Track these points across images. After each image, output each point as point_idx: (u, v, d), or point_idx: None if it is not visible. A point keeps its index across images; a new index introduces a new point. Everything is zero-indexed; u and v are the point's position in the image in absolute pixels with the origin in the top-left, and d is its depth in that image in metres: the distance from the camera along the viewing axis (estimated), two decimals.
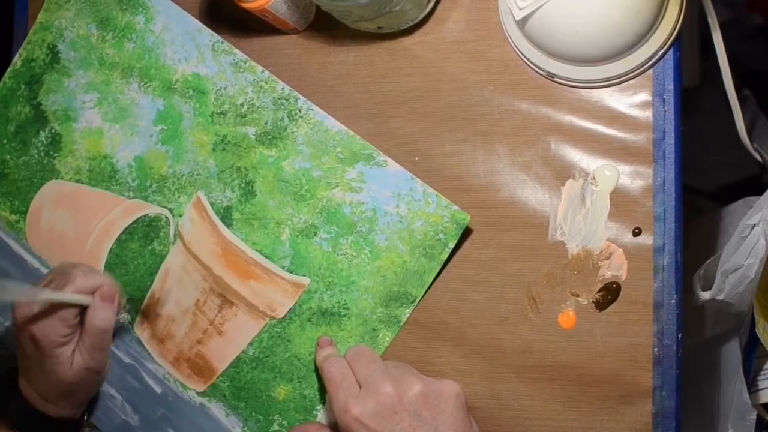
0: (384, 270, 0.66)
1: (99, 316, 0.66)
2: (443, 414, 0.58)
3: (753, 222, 0.69)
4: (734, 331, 0.81)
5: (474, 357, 0.65)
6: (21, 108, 0.75)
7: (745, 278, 0.71)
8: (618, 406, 0.62)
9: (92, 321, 0.66)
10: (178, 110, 0.71)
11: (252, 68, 0.69)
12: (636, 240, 0.62)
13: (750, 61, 1.09)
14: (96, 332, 0.66)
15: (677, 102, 0.63)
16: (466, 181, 0.66)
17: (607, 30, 0.59)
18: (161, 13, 0.72)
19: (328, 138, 0.67)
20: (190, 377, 0.70)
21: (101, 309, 0.66)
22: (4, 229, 0.75)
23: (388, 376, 0.59)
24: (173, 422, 0.70)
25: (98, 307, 0.66)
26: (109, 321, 0.67)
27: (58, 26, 0.74)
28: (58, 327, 0.65)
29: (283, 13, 0.66)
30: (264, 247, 0.68)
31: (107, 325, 0.67)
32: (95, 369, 0.68)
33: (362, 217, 0.67)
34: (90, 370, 0.67)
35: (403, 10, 0.64)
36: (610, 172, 0.63)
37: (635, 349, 0.62)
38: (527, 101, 0.65)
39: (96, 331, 0.66)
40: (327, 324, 0.67)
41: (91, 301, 0.66)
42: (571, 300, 0.64)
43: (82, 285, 0.66)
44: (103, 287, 0.67)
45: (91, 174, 0.73)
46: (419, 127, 0.67)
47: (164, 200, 0.71)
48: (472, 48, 0.66)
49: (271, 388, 0.68)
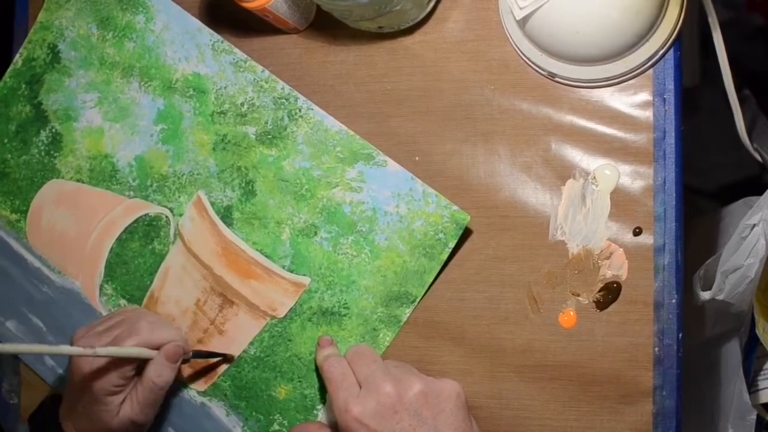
0: (384, 270, 0.66)
1: (158, 373, 0.64)
2: (443, 413, 0.58)
3: (753, 222, 0.69)
4: (734, 331, 0.81)
5: (474, 356, 0.65)
6: (22, 107, 0.75)
7: (745, 278, 0.71)
8: (618, 405, 0.62)
9: (151, 376, 0.64)
10: (178, 110, 0.71)
11: (252, 68, 0.69)
12: (636, 240, 0.62)
13: (750, 61, 1.09)
14: (152, 388, 0.64)
15: (678, 102, 0.63)
16: (467, 181, 0.66)
17: (607, 30, 0.59)
18: (161, 12, 0.72)
19: (328, 137, 0.68)
20: (191, 377, 0.70)
21: (162, 366, 0.64)
22: (5, 229, 0.75)
23: (389, 376, 0.59)
24: (173, 422, 0.70)
25: (160, 364, 0.64)
26: (167, 380, 0.64)
27: (58, 26, 0.74)
28: (114, 378, 0.63)
29: (284, 12, 0.66)
30: (264, 246, 0.69)
31: (165, 384, 0.65)
32: (141, 423, 0.65)
33: (362, 217, 0.67)
34: (135, 423, 0.65)
35: (403, 9, 0.64)
36: (610, 171, 0.63)
37: (636, 348, 0.62)
38: (528, 101, 0.65)
39: (152, 386, 0.64)
40: (327, 323, 0.67)
41: (154, 355, 0.64)
42: (572, 300, 0.64)
43: (147, 339, 0.64)
44: (170, 345, 0.64)
45: (91, 173, 0.73)
46: (419, 126, 0.67)
47: (165, 200, 0.71)
48: (472, 47, 0.66)
49: (271, 388, 0.68)
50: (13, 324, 0.74)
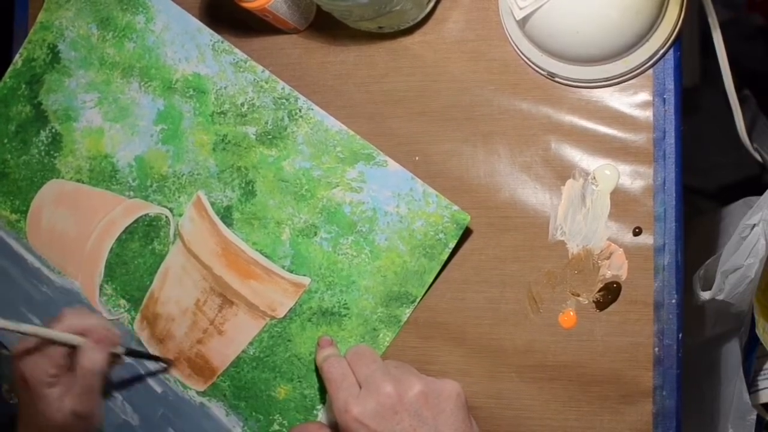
0: (384, 270, 0.66)
1: (88, 357, 0.63)
2: (444, 414, 0.58)
3: (753, 222, 0.69)
4: (734, 331, 0.81)
5: (474, 357, 0.65)
6: (22, 107, 0.75)
7: (745, 278, 0.71)
8: (618, 405, 0.62)
9: (81, 362, 0.63)
10: (178, 110, 0.71)
11: (252, 68, 0.69)
12: (636, 240, 0.62)
13: (750, 61, 1.09)
14: (84, 374, 0.63)
15: (677, 102, 0.63)
16: (467, 181, 0.66)
17: (607, 30, 0.59)
18: (161, 12, 0.72)
19: (329, 138, 0.68)
20: (191, 377, 0.70)
21: (91, 350, 0.64)
22: (5, 229, 0.75)
23: (389, 376, 0.59)
24: (173, 422, 0.70)
25: (90, 348, 0.63)
26: (99, 363, 0.64)
27: (58, 26, 0.74)
28: (45, 365, 0.63)
29: (284, 12, 0.66)
30: (264, 246, 0.69)
31: (96, 367, 0.64)
32: (83, 414, 0.64)
33: (362, 217, 0.67)
34: (78, 415, 0.64)
35: (403, 9, 0.64)
36: (610, 171, 0.63)
37: (636, 348, 0.62)
38: (527, 101, 0.65)
39: (84, 372, 0.63)
40: (327, 324, 0.67)
41: (82, 341, 0.63)
42: (572, 300, 0.64)
43: (71, 324, 0.64)
44: (99, 328, 0.64)
45: (91, 173, 0.73)
46: (419, 126, 0.67)
47: (164, 200, 0.71)
48: (472, 48, 0.66)
49: (271, 388, 0.68)
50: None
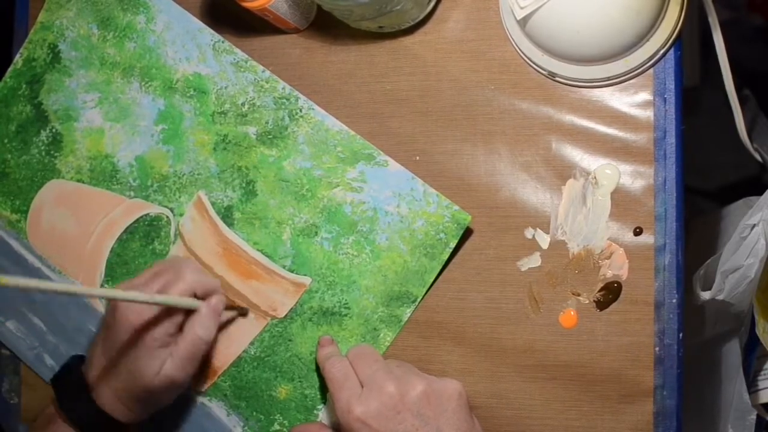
0: (385, 269, 0.66)
1: (204, 325, 0.62)
2: (446, 413, 0.58)
3: (753, 222, 0.69)
4: (734, 331, 0.81)
5: (475, 356, 0.65)
6: (22, 107, 0.75)
7: (745, 278, 0.71)
8: (619, 405, 0.62)
9: (195, 329, 0.62)
10: (179, 110, 0.71)
11: (253, 68, 0.69)
12: (637, 239, 0.63)
13: (750, 62, 1.09)
14: (196, 341, 0.62)
15: (678, 101, 0.63)
16: (467, 181, 0.66)
17: (607, 30, 0.59)
18: (162, 12, 0.72)
19: (329, 137, 0.68)
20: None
21: (208, 318, 0.62)
22: (5, 229, 0.75)
23: (391, 376, 0.59)
24: (174, 421, 0.70)
25: (206, 316, 0.62)
26: (212, 333, 0.63)
27: (59, 26, 0.74)
28: (167, 326, 0.61)
29: (284, 12, 0.66)
30: (265, 246, 0.69)
31: (209, 338, 0.63)
32: (180, 382, 0.63)
33: (363, 217, 0.67)
34: (175, 382, 0.62)
35: (404, 9, 0.64)
36: (611, 171, 0.63)
37: (636, 348, 0.62)
38: (528, 101, 0.65)
39: (196, 340, 0.62)
40: (328, 323, 0.67)
41: (199, 306, 0.62)
42: (572, 299, 0.64)
43: (193, 286, 0.62)
44: (214, 298, 0.63)
45: (92, 173, 0.73)
46: (420, 126, 0.67)
47: (165, 200, 0.71)
48: (473, 47, 0.66)
49: (272, 388, 0.68)
50: (13, 324, 0.74)
